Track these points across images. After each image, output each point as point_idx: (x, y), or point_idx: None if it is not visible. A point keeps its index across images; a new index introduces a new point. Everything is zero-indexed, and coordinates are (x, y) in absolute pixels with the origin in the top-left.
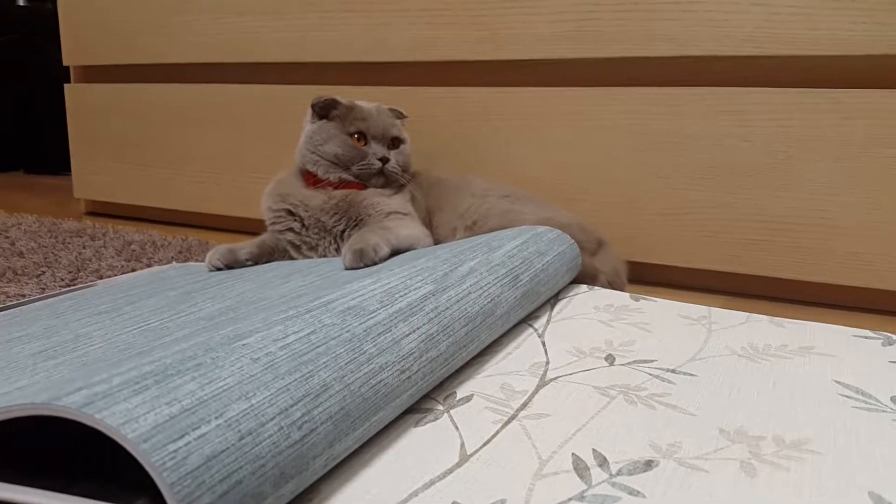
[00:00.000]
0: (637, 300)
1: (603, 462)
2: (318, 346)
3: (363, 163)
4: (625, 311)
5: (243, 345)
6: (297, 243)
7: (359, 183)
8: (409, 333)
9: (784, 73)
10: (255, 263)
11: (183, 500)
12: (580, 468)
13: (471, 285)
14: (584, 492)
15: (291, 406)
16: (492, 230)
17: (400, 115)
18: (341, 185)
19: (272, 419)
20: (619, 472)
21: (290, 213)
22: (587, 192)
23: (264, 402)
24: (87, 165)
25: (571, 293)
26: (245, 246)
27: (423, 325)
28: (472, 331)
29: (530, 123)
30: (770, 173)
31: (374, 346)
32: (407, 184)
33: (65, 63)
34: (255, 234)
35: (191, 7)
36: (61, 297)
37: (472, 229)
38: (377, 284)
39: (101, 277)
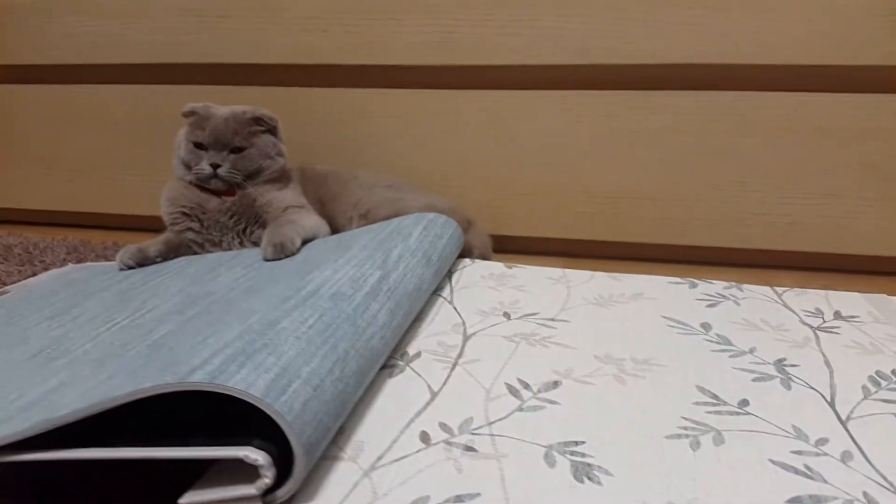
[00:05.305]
0: (511, 268)
1: (526, 386)
2: (331, 325)
3: (197, 168)
4: (504, 278)
5: (282, 328)
6: (200, 241)
7: (230, 189)
8: (380, 310)
9: (606, 77)
10: (164, 260)
11: (299, 434)
12: (514, 391)
13: (404, 268)
14: (520, 405)
15: (332, 367)
16: (385, 218)
17: (259, 122)
18: (224, 191)
19: (325, 376)
20: (539, 391)
21: (186, 214)
22: (455, 178)
23: (318, 367)
24: None
25: (460, 267)
26: (153, 244)
27: (387, 302)
28: (411, 304)
29: (403, 121)
30: (597, 159)
31: (364, 321)
32: (283, 179)
33: None
34: (121, 230)
35: (53, 8)
36: None
37: (367, 217)
38: (339, 274)
39: (3, 284)
